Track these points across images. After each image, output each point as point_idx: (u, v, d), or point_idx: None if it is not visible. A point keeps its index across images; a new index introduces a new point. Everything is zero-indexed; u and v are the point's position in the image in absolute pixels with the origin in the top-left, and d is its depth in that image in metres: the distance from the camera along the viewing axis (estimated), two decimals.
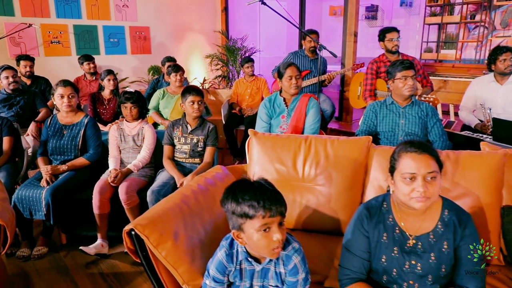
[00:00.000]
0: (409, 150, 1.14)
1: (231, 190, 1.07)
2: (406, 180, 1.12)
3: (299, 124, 2.39)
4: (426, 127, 2.26)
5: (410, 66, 2.21)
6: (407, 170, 1.12)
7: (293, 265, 1.11)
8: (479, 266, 1.16)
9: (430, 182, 1.11)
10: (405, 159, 1.14)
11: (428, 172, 1.10)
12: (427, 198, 1.10)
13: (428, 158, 1.12)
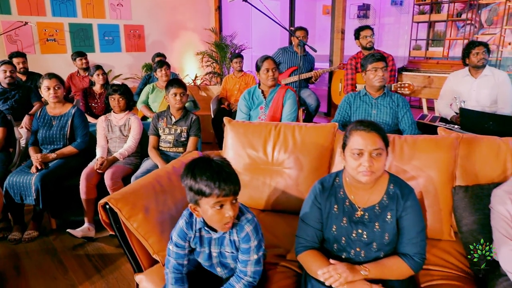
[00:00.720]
0: (358, 128, 1.25)
1: (190, 167, 1.15)
2: (355, 155, 1.23)
3: (276, 114, 2.51)
4: (397, 116, 2.38)
5: (380, 59, 2.33)
6: (355, 146, 1.23)
7: (245, 234, 1.21)
8: (419, 235, 1.27)
9: (375, 158, 1.22)
10: (354, 136, 1.25)
11: (374, 149, 1.21)
12: (372, 172, 1.21)
13: (375, 136, 1.23)
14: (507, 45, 5.09)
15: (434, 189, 1.62)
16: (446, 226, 1.61)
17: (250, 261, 1.22)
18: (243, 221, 1.23)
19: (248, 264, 1.22)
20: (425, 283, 1.38)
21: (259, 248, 1.25)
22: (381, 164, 1.23)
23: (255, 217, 1.28)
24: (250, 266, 1.22)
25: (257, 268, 1.23)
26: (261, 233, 1.27)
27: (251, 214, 1.27)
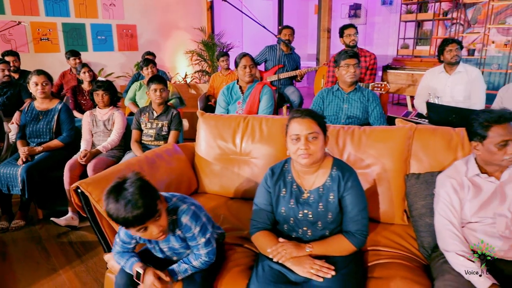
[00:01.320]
0: (295, 116, 1.36)
1: (105, 195, 1.17)
2: (293, 141, 1.34)
3: (252, 109, 2.61)
4: (368, 111, 2.48)
5: (353, 56, 2.43)
6: (293, 132, 1.34)
7: (184, 224, 1.28)
8: (360, 213, 1.37)
9: (311, 142, 1.33)
10: (292, 123, 1.35)
11: (309, 133, 1.32)
12: (309, 154, 1.32)
13: (310, 121, 1.33)
14: (491, 43, 5.18)
15: (388, 177, 1.73)
16: (398, 211, 1.72)
17: (199, 245, 1.30)
18: (179, 215, 1.28)
19: (199, 248, 1.31)
20: (373, 262, 1.48)
21: (204, 231, 1.30)
22: (318, 147, 1.33)
23: (192, 204, 1.31)
24: (202, 249, 1.31)
25: (209, 248, 1.32)
26: (203, 216, 1.32)
27: (187, 203, 1.30)
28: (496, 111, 1.34)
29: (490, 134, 1.33)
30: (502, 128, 1.31)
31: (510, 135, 1.30)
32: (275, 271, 1.30)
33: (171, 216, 1.28)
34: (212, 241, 1.34)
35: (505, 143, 1.31)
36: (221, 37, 5.44)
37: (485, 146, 1.36)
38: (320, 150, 1.35)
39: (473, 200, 1.40)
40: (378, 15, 6.85)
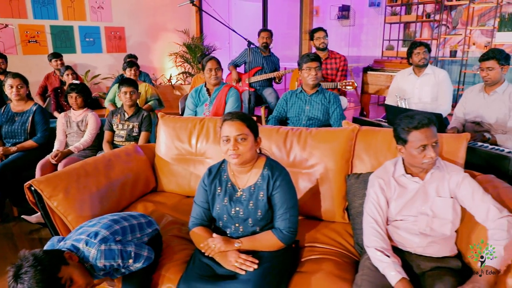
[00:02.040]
0: (226, 119, 1.43)
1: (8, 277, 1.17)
2: (224, 142, 1.42)
3: (219, 111, 2.70)
4: (329, 112, 2.55)
5: (314, 59, 2.50)
6: (224, 133, 1.42)
7: (103, 266, 1.30)
8: (289, 211, 1.44)
9: (240, 143, 1.40)
10: (223, 126, 1.43)
11: (238, 134, 1.40)
12: (238, 155, 1.40)
13: (239, 124, 1.41)
14: (472, 45, 5.22)
15: (330, 176, 1.80)
16: (339, 210, 1.79)
17: (130, 266, 1.37)
18: (93, 262, 1.29)
19: (131, 268, 1.38)
20: (306, 257, 1.56)
21: (127, 255, 1.34)
22: (246, 147, 1.41)
23: (101, 242, 1.31)
24: (134, 266, 1.37)
25: (141, 260, 1.38)
26: (116, 245, 1.33)
27: (94, 247, 1.30)
28: (416, 117, 1.40)
29: (410, 139, 1.40)
30: (420, 133, 1.38)
31: (427, 140, 1.37)
32: (203, 264, 1.39)
33: (85, 264, 1.30)
34: (141, 252, 1.40)
35: (423, 147, 1.38)
36: (205, 39, 5.52)
37: (407, 150, 1.43)
38: (249, 150, 1.42)
39: (398, 199, 1.47)
40: (366, 16, 6.91)
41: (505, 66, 2.34)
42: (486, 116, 2.44)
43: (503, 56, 2.31)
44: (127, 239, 1.42)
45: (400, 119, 1.45)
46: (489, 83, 2.40)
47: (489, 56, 2.32)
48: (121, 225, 1.44)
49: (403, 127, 1.41)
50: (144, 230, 1.52)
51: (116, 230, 1.40)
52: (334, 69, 3.45)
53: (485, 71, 2.36)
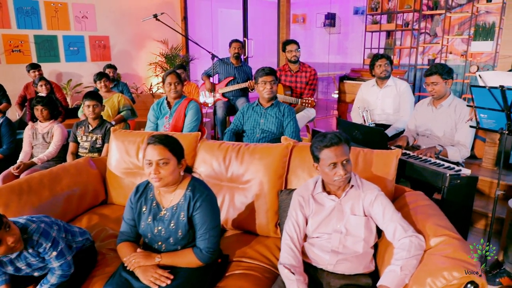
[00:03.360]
0: (149, 142, 1.48)
1: None
2: (147, 165, 1.47)
3: (178, 123, 2.76)
4: (283, 125, 2.60)
5: (269, 73, 2.56)
6: (146, 157, 1.47)
7: (35, 241, 1.40)
8: (209, 232, 1.49)
9: (162, 167, 1.45)
10: (147, 149, 1.48)
11: (159, 159, 1.44)
12: (160, 178, 1.45)
13: (161, 148, 1.46)
14: (449, 54, 5.26)
15: (264, 192, 1.85)
16: (271, 225, 1.84)
17: (52, 258, 1.44)
18: (29, 233, 1.39)
19: (51, 261, 1.44)
20: (231, 272, 1.61)
21: (56, 245, 1.43)
22: (168, 171, 1.45)
23: (42, 222, 1.44)
24: (54, 262, 1.44)
25: (62, 261, 1.45)
26: (54, 232, 1.44)
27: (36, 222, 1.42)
28: (328, 136, 1.45)
29: (321, 157, 1.45)
30: (330, 151, 1.43)
31: (337, 158, 1.42)
32: (122, 278, 1.44)
33: (23, 235, 1.39)
34: (66, 254, 1.47)
35: (334, 165, 1.43)
36: (180, 49, 5.61)
37: (321, 168, 1.48)
38: (170, 174, 1.47)
39: (315, 217, 1.52)
40: (352, 25, 6.96)
41: (449, 80, 2.38)
42: (434, 129, 2.49)
43: (445, 70, 2.35)
44: (60, 235, 1.49)
45: (315, 137, 1.50)
46: (435, 97, 2.44)
47: (432, 71, 2.36)
48: (57, 223, 1.53)
49: (316, 146, 1.47)
50: (75, 237, 1.58)
51: (55, 222, 1.51)
52: (303, 82, 3.50)
53: (430, 86, 2.40)
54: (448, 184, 1.86)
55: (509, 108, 1.53)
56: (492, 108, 1.62)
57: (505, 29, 3.21)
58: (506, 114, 1.56)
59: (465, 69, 4.94)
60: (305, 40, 7.95)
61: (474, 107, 1.74)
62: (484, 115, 1.70)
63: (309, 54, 7.87)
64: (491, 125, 1.69)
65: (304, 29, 7.88)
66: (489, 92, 1.57)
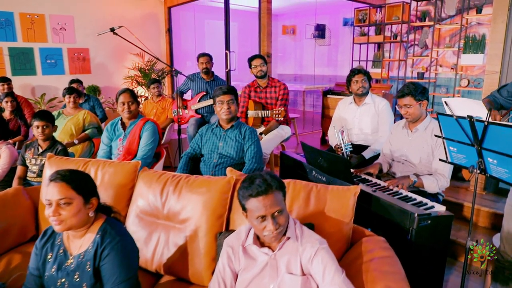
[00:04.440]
0: (50, 179, 1.26)
1: None
2: (47, 206, 1.24)
3: (132, 146, 2.53)
4: (244, 149, 2.36)
5: (227, 92, 2.33)
6: (45, 196, 1.25)
7: None
8: (117, 286, 1.24)
9: (62, 207, 1.22)
10: (47, 187, 1.26)
11: (59, 199, 1.22)
12: (60, 221, 1.22)
13: (63, 186, 1.23)
14: (439, 67, 5.02)
15: (200, 234, 1.61)
16: (207, 273, 1.58)
17: None
18: None
19: None
20: None
21: None
22: (71, 213, 1.23)
23: None
24: None
25: None
26: None
27: None
28: (256, 181, 1.21)
29: (248, 207, 1.21)
30: (258, 201, 1.18)
31: (266, 209, 1.17)
32: None
33: None
34: None
35: (262, 218, 1.18)
36: (156, 63, 5.42)
37: (248, 219, 1.23)
38: (74, 216, 1.24)
39: (244, 273, 1.27)
40: (342, 36, 6.76)
41: (423, 101, 2.14)
42: (409, 156, 2.23)
43: (418, 91, 2.11)
44: None
45: (242, 182, 1.26)
46: (410, 120, 2.20)
47: (404, 92, 2.12)
48: None
49: (241, 194, 1.22)
50: None
51: None
52: (273, 98, 3.27)
53: (403, 109, 2.16)
54: (417, 226, 1.60)
55: (479, 143, 1.28)
56: (461, 141, 1.37)
57: (491, 43, 2.97)
58: (476, 150, 1.31)
59: (456, 82, 4.69)
60: (294, 52, 7.77)
61: (442, 138, 1.49)
62: (454, 148, 1.45)
63: (299, 66, 7.68)
64: (461, 160, 1.44)
65: (295, 40, 7.70)
66: (457, 122, 1.33)
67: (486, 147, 1.26)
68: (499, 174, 1.23)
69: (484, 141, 1.25)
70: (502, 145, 1.19)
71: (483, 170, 1.31)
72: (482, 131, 1.23)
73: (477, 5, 4.48)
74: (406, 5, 5.02)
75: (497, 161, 1.23)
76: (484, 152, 1.28)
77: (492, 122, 1.18)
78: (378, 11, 5.38)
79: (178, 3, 5.95)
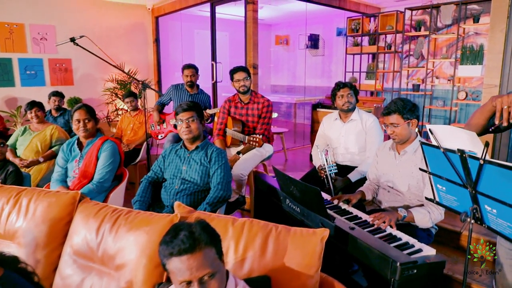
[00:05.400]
0: None
1: None
2: None
3: (88, 169, 2.26)
4: (210, 174, 2.09)
5: (187, 109, 2.08)
6: None
7: None
8: None
9: None
10: None
11: None
12: None
13: None
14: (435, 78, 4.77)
15: (135, 285, 1.32)
16: None
17: None
18: None
19: None
20: None
21: None
22: None
23: None
24: None
25: None
26: None
27: None
28: (181, 235, 0.94)
29: (169, 268, 0.94)
30: (181, 262, 0.92)
31: (191, 273, 0.91)
32: None
33: None
34: None
35: (187, 284, 0.91)
36: (135, 74, 5.20)
37: (173, 281, 0.96)
38: None
39: None
40: (336, 46, 6.54)
41: (412, 120, 1.88)
42: (396, 182, 1.96)
43: (407, 108, 1.85)
44: None
45: (165, 235, 0.99)
46: (397, 141, 1.93)
47: (390, 109, 1.86)
48: None
49: (161, 250, 0.96)
50: None
51: None
52: (255, 115, 2.99)
53: (389, 128, 1.90)
54: (399, 277, 1.31)
55: (473, 185, 1.01)
56: (451, 180, 1.10)
57: (489, 53, 2.71)
58: (470, 194, 1.04)
59: (453, 95, 4.43)
60: (288, 62, 7.56)
61: (428, 174, 1.22)
62: (442, 187, 1.18)
63: (292, 77, 7.45)
64: (452, 203, 1.16)
65: (288, 51, 7.50)
66: (445, 156, 1.06)
67: (483, 191, 0.98)
68: (499, 228, 0.94)
69: (479, 183, 0.97)
70: (503, 190, 0.91)
71: (479, 219, 1.03)
72: (477, 170, 0.96)
73: (474, 14, 4.25)
74: (400, 14, 4.80)
75: (497, 211, 0.95)
76: (480, 198, 1.00)
77: (490, 160, 0.91)
78: (372, 20, 5.16)
79: (165, 12, 5.76)
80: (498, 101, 1.16)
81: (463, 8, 4.34)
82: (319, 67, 6.86)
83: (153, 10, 6.00)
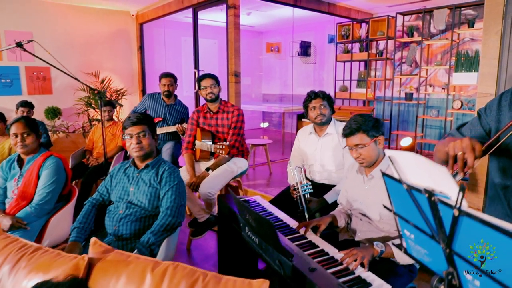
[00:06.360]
0: None
1: None
2: None
3: (27, 189, 2.01)
4: (159, 196, 1.83)
5: (136, 123, 1.82)
6: None
7: None
8: None
9: None
10: None
11: None
12: None
13: None
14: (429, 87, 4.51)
15: None
16: None
17: None
18: None
19: None
20: None
21: None
22: None
23: None
24: None
25: None
26: None
27: None
28: None
29: None
30: None
31: None
32: None
33: None
34: None
35: None
36: (110, 82, 4.98)
37: None
38: None
39: None
40: (328, 53, 6.32)
41: (379, 137, 1.62)
42: (367, 210, 1.68)
43: (370, 125, 1.59)
44: None
45: None
46: (365, 165, 1.66)
47: (352, 129, 1.60)
48: None
49: None
50: None
51: None
52: (225, 125, 2.74)
53: (354, 151, 1.63)
54: None
55: (448, 242, 0.72)
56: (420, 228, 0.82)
57: (483, 59, 2.45)
58: (444, 252, 0.75)
59: (448, 104, 4.17)
60: (280, 70, 7.34)
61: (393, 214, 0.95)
62: (410, 234, 0.90)
63: (284, 85, 7.23)
64: (423, 257, 0.87)
65: (280, 58, 7.28)
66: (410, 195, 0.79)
67: (460, 253, 0.70)
68: None
69: (455, 240, 0.69)
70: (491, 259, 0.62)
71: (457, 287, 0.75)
72: (451, 223, 0.68)
73: (469, 19, 4.01)
74: (392, 19, 4.57)
75: (481, 284, 0.65)
76: (458, 261, 0.72)
77: (468, 213, 0.63)
78: (363, 26, 4.93)
79: (149, 19, 5.56)
80: (450, 146, 0.97)
81: (457, 13, 4.11)
82: (310, 75, 6.64)
83: (137, 16, 5.82)
